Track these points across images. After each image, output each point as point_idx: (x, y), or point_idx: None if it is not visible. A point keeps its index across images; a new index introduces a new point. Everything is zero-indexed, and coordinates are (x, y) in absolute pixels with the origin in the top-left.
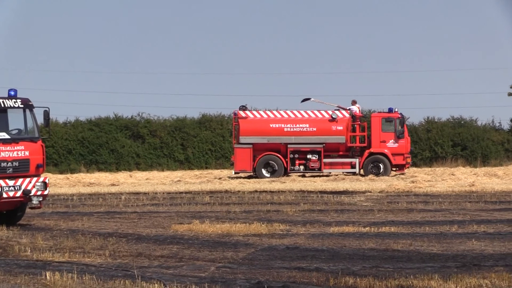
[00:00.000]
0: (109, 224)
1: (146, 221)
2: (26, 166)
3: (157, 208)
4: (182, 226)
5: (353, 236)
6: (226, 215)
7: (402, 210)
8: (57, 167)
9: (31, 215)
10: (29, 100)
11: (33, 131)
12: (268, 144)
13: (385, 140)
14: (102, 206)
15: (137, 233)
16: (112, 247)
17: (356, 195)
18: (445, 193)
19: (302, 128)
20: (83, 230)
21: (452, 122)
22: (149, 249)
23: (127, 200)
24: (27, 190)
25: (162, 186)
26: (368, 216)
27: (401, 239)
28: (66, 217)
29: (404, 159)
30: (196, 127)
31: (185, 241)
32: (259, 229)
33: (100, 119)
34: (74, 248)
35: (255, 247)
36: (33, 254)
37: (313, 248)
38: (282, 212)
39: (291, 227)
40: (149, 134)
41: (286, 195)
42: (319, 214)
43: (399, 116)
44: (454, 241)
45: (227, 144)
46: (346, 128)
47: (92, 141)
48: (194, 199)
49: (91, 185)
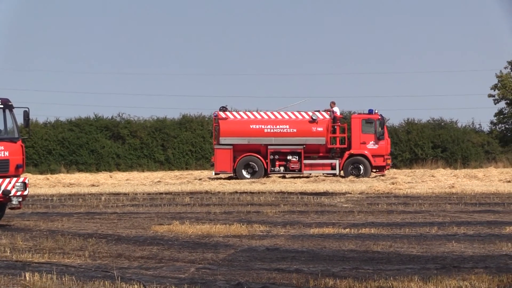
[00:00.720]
0: (89, 225)
1: (126, 222)
2: (6, 167)
3: (137, 209)
4: (162, 227)
5: (333, 237)
6: (206, 216)
7: (382, 212)
8: (37, 167)
9: (11, 216)
10: (8, 100)
11: (13, 132)
12: (248, 145)
13: (365, 141)
14: (82, 207)
15: (117, 234)
16: (92, 248)
17: (336, 197)
18: (425, 195)
19: (282, 129)
20: (62, 230)
21: (432, 124)
22: (129, 250)
23: (107, 200)
24: (6, 190)
25: (142, 186)
26: (348, 217)
27: (381, 241)
28: (46, 218)
29: (384, 161)
30: (177, 128)
31: (165, 242)
32: (239, 230)
33: (80, 120)
34: (54, 249)
35: (235, 248)
36: (12, 254)
37: (293, 249)
38: (262, 213)
39: (271, 228)
40: (130, 135)
41: (266, 196)
42: (299, 215)
43: (379, 118)
44: (434, 243)
45: (207, 145)
46: (327, 130)
47: (72, 141)
48: (174, 200)
49: (71, 185)
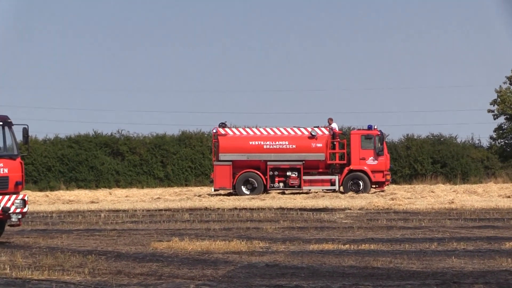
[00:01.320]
0: (89, 241)
1: (126, 239)
2: (5, 184)
3: (137, 225)
4: (161, 243)
5: (333, 253)
6: (206, 233)
7: (381, 228)
8: (36, 184)
9: (10, 233)
10: (7, 117)
11: (12, 149)
12: (247, 161)
13: (364, 157)
14: (81, 224)
15: (116, 251)
16: (92, 264)
17: (336, 212)
18: (425, 211)
19: (281, 145)
20: (62, 247)
21: (432, 139)
22: (128, 267)
23: (107, 217)
24: (6, 207)
25: (142, 203)
26: (348, 233)
27: (381, 257)
28: (46, 235)
29: (384, 176)
30: (176, 144)
31: (164, 259)
32: (238, 247)
33: (79, 136)
34: (54, 266)
35: (235, 265)
36: (12, 272)
37: (292, 265)
38: (262, 229)
39: (271, 244)
40: (129, 151)
41: (266, 213)
42: (298, 231)
43: (378, 133)
44: (433, 259)
45: (206, 161)
46: (326, 145)
47: (71, 158)
48: (174, 216)
49: (71, 202)
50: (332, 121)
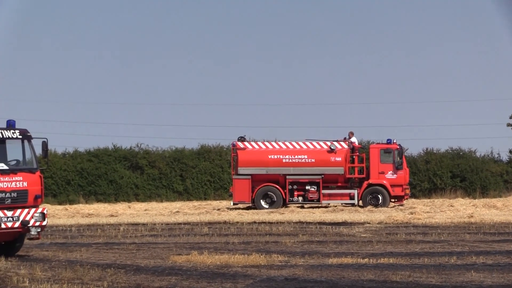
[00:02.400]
0: (108, 255)
1: (145, 252)
2: (25, 197)
3: (156, 239)
4: (180, 257)
5: (352, 267)
6: (225, 246)
7: (401, 242)
8: (55, 198)
9: (30, 246)
10: (27, 131)
11: (32, 162)
12: (266, 175)
13: (383, 171)
14: (100, 237)
15: (135, 264)
16: (111, 278)
17: (355, 226)
18: (444, 225)
19: (300, 159)
20: (81, 261)
21: (451, 154)
22: (147, 280)
23: (126, 231)
24: (25, 221)
25: (161, 217)
26: (367, 247)
27: (400, 271)
28: (65, 248)
29: (403, 190)
30: (195, 158)
31: (183, 272)
32: (257, 260)
33: (99, 150)
34: (73, 279)
35: (254, 278)
36: (31, 285)
37: (311, 279)
38: (281, 243)
39: (290, 258)
40: (148, 165)
41: (285, 226)
42: (317, 245)
43: (397, 148)
44: (453, 273)
45: (225, 175)
46: (345, 159)
47: (91, 172)
48: (193, 230)
49: (90, 216)
50: (353, 134)
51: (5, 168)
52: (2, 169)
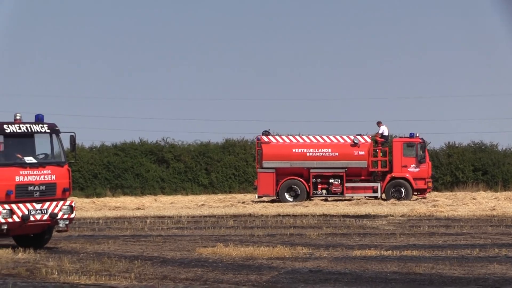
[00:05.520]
0: (135, 247)
1: (171, 244)
2: (53, 190)
3: (182, 231)
4: (206, 249)
5: (376, 259)
6: (250, 239)
7: (424, 234)
8: (83, 191)
9: (58, 238)
10: (55, 125)
11: (60, 156)
12: (291, 168)
13: (406, 164)
14: (127, 230)
15: (162, 256)
16: (138, 270)
17: (378, 219)
18: (467, 217)
19: (324, 153)
20: (109, 253)
21: (473, 147)
22: (174, 272)
23: (152, 223)
24: (54, 213)
25: (187, 210)
26: (390, 239)
27: (423, 263)
28: (92, 240)
29: (426, 184)
30: (220, 152)
31: (209, 264)
32: (282, 253)
33: (125, 144)
34: (100, 270)
35: (279, 270)
36: (60, 276)
37: (336, 271)
38: (305, 235)
39: (314, 250)
40: (174, 159)
41: (309, 219)
42: (341, 237)
43: (420, 141)
44: (475, 265)
45: (250, 168)
46: (368, 153)
47: (117, 165)
48: (218, 222)
49: (117, 209)
50: (382, 123)
51: (33, 161)
52: (31, 163)
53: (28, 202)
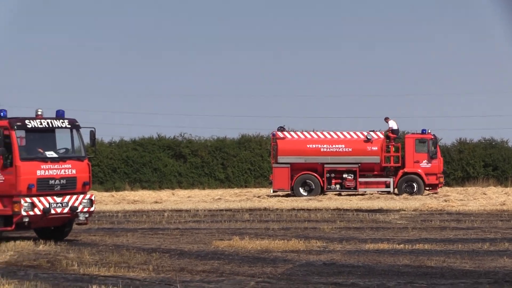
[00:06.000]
0: (153, 240)
1: (188, 237)
2: (73, 184)
3: (199, 224)
4: (222, 242)
5: (388, 252)
6: (265, 232)
7: (435, 228)
8: (102, 185)
9: (78, 231)
10: (76, 121)
11: (80, 150)
12: (305, 163)
13: (418, 160)
14: (146, 223)
15: (179, 249)
16: (156, 262)
17: (391, 213)
18: (477, 212)
19: (338, 149)
20: (127, 245)
21: (484, 143)
22: (191, 264)
23: (170, 217)
24: (74, 206)
25: (203, 203)
26: (403, 233)
27: (435, 256)
28: (112, 233)
29: (437, 179)
30: (236, 147)
31: (225, 257)
32: (297, 246)
33: (143, 139)
34: (119, 262)
35: (293, 263)
36: (80, 268)
37: (349, 264)
38: (319, 229)
39: (328, 243)
40: (191, 154)
41: (323, 213)
42: (354, 231)
43: (432, 137)
44: (486, 258)
45: (265, 163)
46: (381, 149)
47: (136, 160)
48: (234, 216)
49: (135, 202)
50: (389, 119)
51: (54, 156)
52: (52, 157)
53: (49, 196)
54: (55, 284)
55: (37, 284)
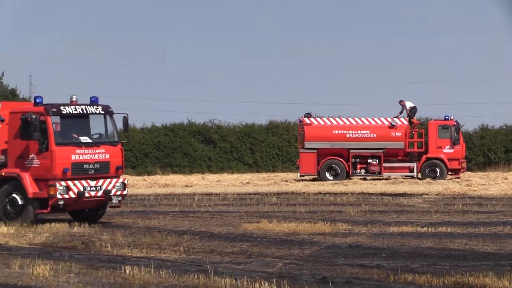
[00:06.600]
0: (184, 222)
1: (218, 220)
2: (107, 168)
3: (228, 208)
4: (251, 225)
5: (412, 235)
6: (292, 215)
7: (457, 212)
8: (134, 169)
9: (111, 214)
10: (109, 107)
11: (113, 136)
12: (331, 149)
13: (441, 146)
14: (176, 206)
15: (209, 231)
16: (186, 244)
17: (414, 197)
18: (499, 196)
19: (363, 134)
20: (159, 227)
21: (505, 130)
22: (220, 246)
23: (200, 200)
24: (107, 190)
25: (232, 187)
26: (426, 217)
27: (457, 239)
28: (144, 216)
29: (460, 164)
30: (264, 133)
31: (254, 239)
32: (323, 228)
33: (174, 125)
34: (151, 244)
35: (320, 245)
36: (113, 249)
37: (374, 246)
38: (345, 212)
39: (353, 226)
40: (220, 139)
41: (348, 197)
42: (379, 214)
43: (454, 124)
44: (507, 241)
45: (292, 149)
46: (405, 135)
47: (167, 145)
48: (262, 200)
49: (166, 186)
50: (404, 101)
51: (88, 141)
52: (86, 142)
53: (83, 179)
54: (89, 265)
55: (72, 265)
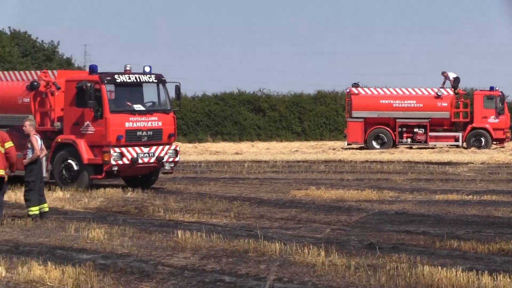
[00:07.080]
0: (234, 188)
1: (267, 187)
2: (159, 135)
3: (277, 175)
4: (299, 191)
5: (457, 203)
6: (340, 183)
7: (502, 180)
8: (186, 137)
9: (164, 180)
10: (162, 76)
11: (166, 104)
12: (378, 118)
13: (486, 116)
14: (227, 173)
15: (259, 197)
16: (237, 209)
17: (460, 166)
18: None
19: (409, 104)
20: (210, 193)
21: None
22: (270, 212)
23: (250, 167)
24: (160, 157)
25: (281, 155)
26: (471, 185)
27: (502, 207)
28: (195, 182)
29: (504, 134)
30: (312, 102)
31: (302, 205)
32: (370, 196)
33: (225, 94)
34: (202, 209)
35: (367, 212)
36: (165, 214)
37: (420, 213)
38: (391, 180)
39: (400, 194)
40: (269, 108)
41: (395, 165)
42: (425, 183)
43: (499, 94)
44: None
45: (340, 118)
46: (450, 105)
47: (217, 114)
48: (310, 167)
49: (217, 153)
50: (446, 72)
51: (142, 109)
52: (140, 110)
53: (136, 146)
54: (143, 229)
55: (126, 229)
